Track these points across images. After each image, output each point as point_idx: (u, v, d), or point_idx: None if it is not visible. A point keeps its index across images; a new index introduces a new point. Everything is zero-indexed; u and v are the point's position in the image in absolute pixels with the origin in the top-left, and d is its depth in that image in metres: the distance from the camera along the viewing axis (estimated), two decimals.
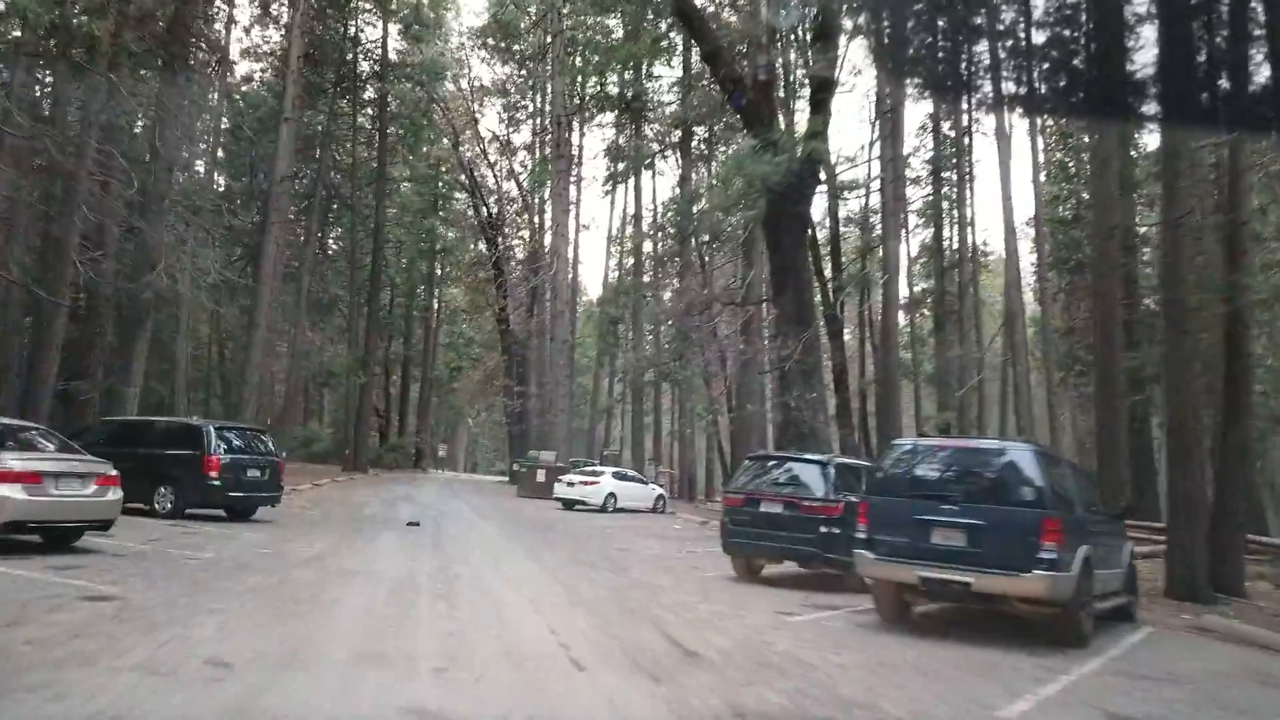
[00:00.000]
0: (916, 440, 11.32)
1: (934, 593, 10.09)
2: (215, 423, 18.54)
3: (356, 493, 30.71)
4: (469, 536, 18.24)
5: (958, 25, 17.42)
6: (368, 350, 46.00)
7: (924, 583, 9.90)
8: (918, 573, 9.88)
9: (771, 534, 13.30)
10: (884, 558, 10.18)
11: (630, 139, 41.25)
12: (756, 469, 14.25)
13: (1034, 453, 10.05)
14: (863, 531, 10.48)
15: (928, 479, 10.34)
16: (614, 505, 29.56)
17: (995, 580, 9.55)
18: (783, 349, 21.91)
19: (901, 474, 10.60)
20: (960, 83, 23.70)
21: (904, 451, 10.96)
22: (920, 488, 10.30)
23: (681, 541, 20.84)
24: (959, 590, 9.73)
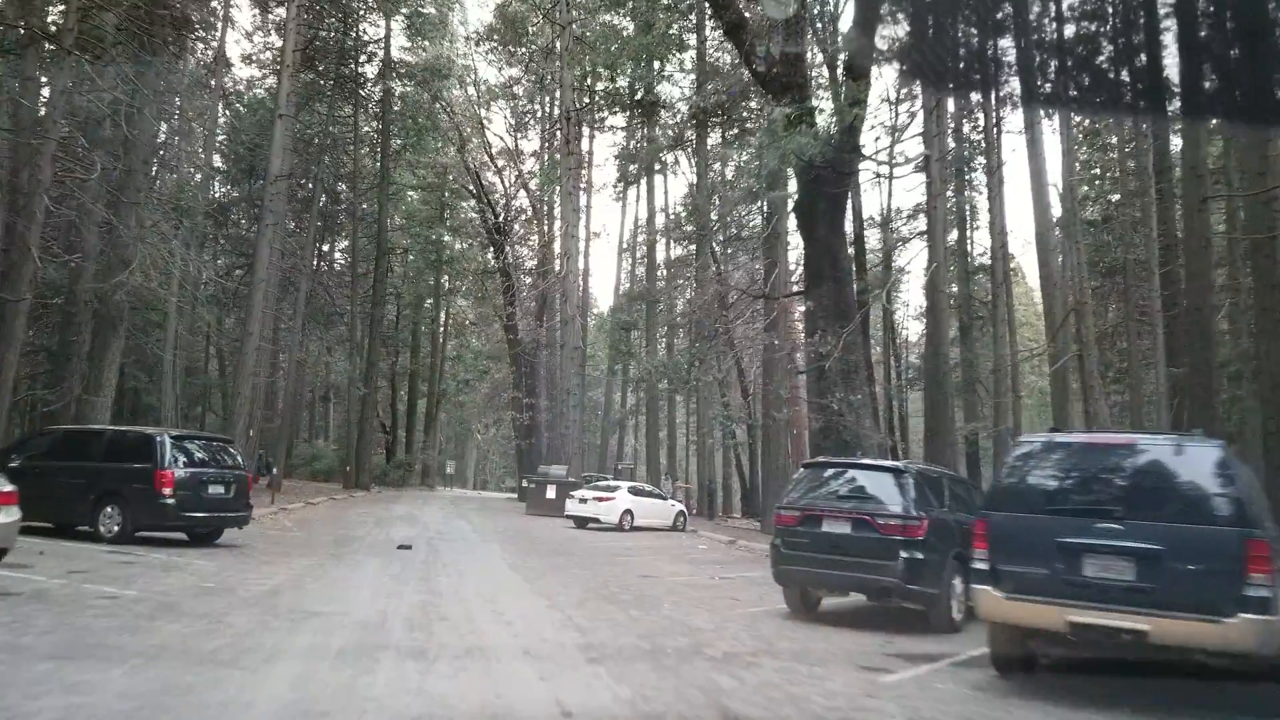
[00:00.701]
0: (1051, 435, 8.47)
1: (1089, 642, 7.27)
2: (173, 432, 15.78)
3: (352, 511, 27.93)
4: (467, 562, 15.41)
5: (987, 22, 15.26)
6: (370, 362, 43.26)
7: (1075, 630, 7.10)
8: (1068, 617, 7.08)
9: (837, 560, 10.50)
10: (1017, 596, 7.39)
11: (642, 139, 38.65)
12: (813, 480, 11.39)
13: (1224, 452, 7.22)
14: (983, 559, 7.68)
15: (1074, 489, 7.54)
16: (630, 523, 26.73)
17: (1182, 627, 6.76)
18: (821, 345, 19.09)
19: (1035, 482, 7.79)
20: (988, 79, 21.07)
21: (1035, 451, 8.08)
22: (1064, 500, 7.51)
23: (710, 565, 17.98)
24: (1127, 640, 6.92)
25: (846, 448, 18.86)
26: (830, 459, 12.77)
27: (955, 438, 20.52)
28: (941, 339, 20.58)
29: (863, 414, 19.30)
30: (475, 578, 13.26)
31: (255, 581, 11.24)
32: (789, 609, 11.46)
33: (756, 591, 13.55)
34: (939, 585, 10.41)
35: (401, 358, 60.56)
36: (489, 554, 17.31)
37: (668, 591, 12.92)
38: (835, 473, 11.36)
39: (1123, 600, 6.89)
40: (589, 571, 15.07)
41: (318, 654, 7.23)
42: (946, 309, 22.28)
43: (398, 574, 12.96)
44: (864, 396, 19.14)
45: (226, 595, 10.04)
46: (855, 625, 10.66)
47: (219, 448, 15.94)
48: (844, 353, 19.06)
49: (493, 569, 14.77)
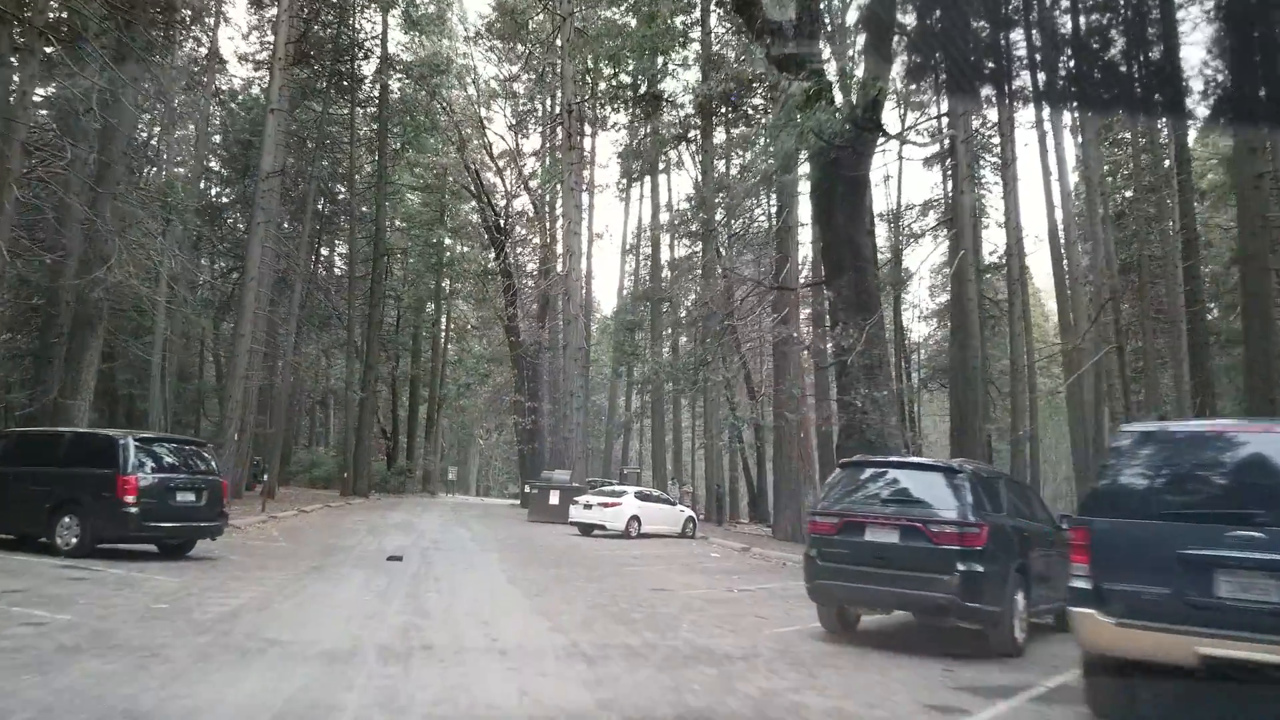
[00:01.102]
0: (1164, 424, 6.99)
1: (1226, 677, 5.79)
2: (138, 434, 14.30)
3: (347, 519, 26.46)
4: (462, 575, 13.93)
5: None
6: (368, 365, 41.78)
7: (1208, 664, 5.62)
8: (1199, 649, 5.59)
9: (883, 574, 9.02)
10: (1131, 622, 5.90)
11: (646, 136, 37.21)
12: (852, 481, 9.89)
13: None
14: (1084, 576, 6.24)
15: (1198, 488, 6.06)
16: (638, 530, 25.23)
17: None
18: (843, 339, 17.64)
19: (1147, 481, 6.31)
20: (1002, 75, 19.64)
21: (1142, 443, 6.58)
22: (1186, 503, 6.03)
23: (726, 575, 16.48)
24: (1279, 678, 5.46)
25: (870, 447, 17.39)
26: (871, 457, 11.27)
27: (984, 439, 18.97)
28: (969, 333, 19.07)
29: (887, 412, 17.83)
30: (469, 593, 11.78)
31: (217, 601, 9.78)
32: (824, 628, 10.00)
33: (782, 607, 12.09)
34: (1001, 602, 8.95)
35: (402, 362, 59.13)
36: (487, 565, 15.83)
37: (683, 608, 11.44)
38: (877, 473, 9.86)
39: (1271, 628, 5.42)
40: (595, 584, 13.59)
41: (264, 700, 5.76)
42: (975, 300, 20.79)
43: (383, 590, 11.49)
44: (889, 393, 17.67)
45: (176, 620, 8.57)
46: (903, 648, 9.18)
47: (191, 452, 14.47)
48: (867, 346, 17.63)
49: (489, 582, 13.29)
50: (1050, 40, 20.71)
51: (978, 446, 18.88)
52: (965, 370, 18.67)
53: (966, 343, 18.81)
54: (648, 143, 36.51)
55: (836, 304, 18.50)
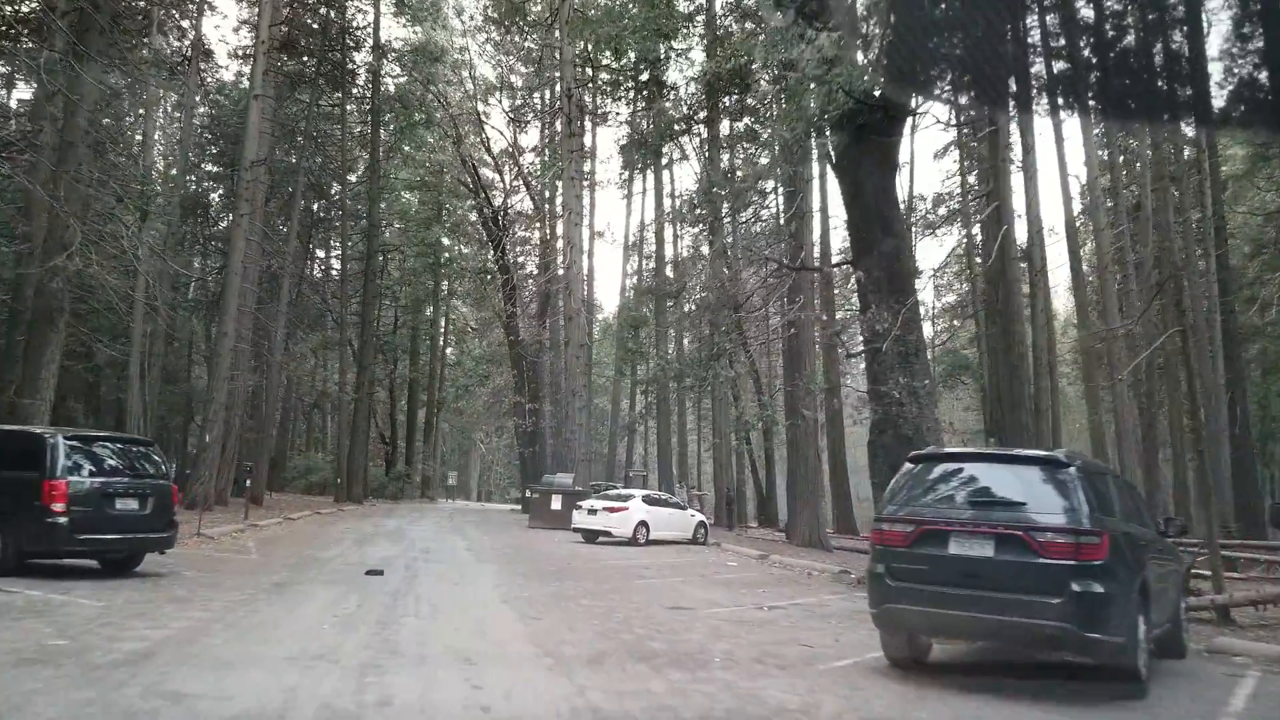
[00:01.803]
0: None
1: None
2: (70, 432, 12.24)
3: (335, 527, 24.43)
4: (448, 593, 11.89)
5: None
6: (362, 366, 39.73)
7: None
8: None
9: (973, 596, 7.01)
10: None
11: (648, 125, 35.19)
12: (925, 480, 7.80)
13: None
14: None
15: None
16: (646, 537, 23.19)
17: None
18: (876, 322, 15.63)
19: None
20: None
21: None
22: None
23: (750, 589, 14.41)
24: None
25: (908, 442, 15.37)
26: (949, 449, 9.22)
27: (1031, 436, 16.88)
28: (1014, 315, 17.00)
29: (926, 403, 15.84)
30: (454, 618, 9.74)
31: (136, 634, 7.74)
32: (890, 661, 7.98)
33: (826, 631, 10.07)
34: (1125, 631, 6.94)
35: (401, 365, 57.13)
36: (479, 580, 13.77)
37: (711, 634, 9.39)
38: (958, 468, 7.79)
39: None
40: (603, 602, 11.54)
41: None
42: (1019, 282, 18.76)
43: (350, 614, 9.46)
44: (930, 382, 15.67)
45: (65, 663, 6.54)
46: (993, 689, 7.16)
47: (138, 453, 12.39)
48: (902, 331, 15.63)
49: (480, 602, 11.22)
50: (1072, 39, 18.80)
51: (1024, 446, 16.84)
52: (1009, 358, 16.65)
53: (1010, 328, 16.80)
54: (651, 128, 34.45)
55: (866, 285, 16.50)
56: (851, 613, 11.74)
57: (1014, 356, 16.70)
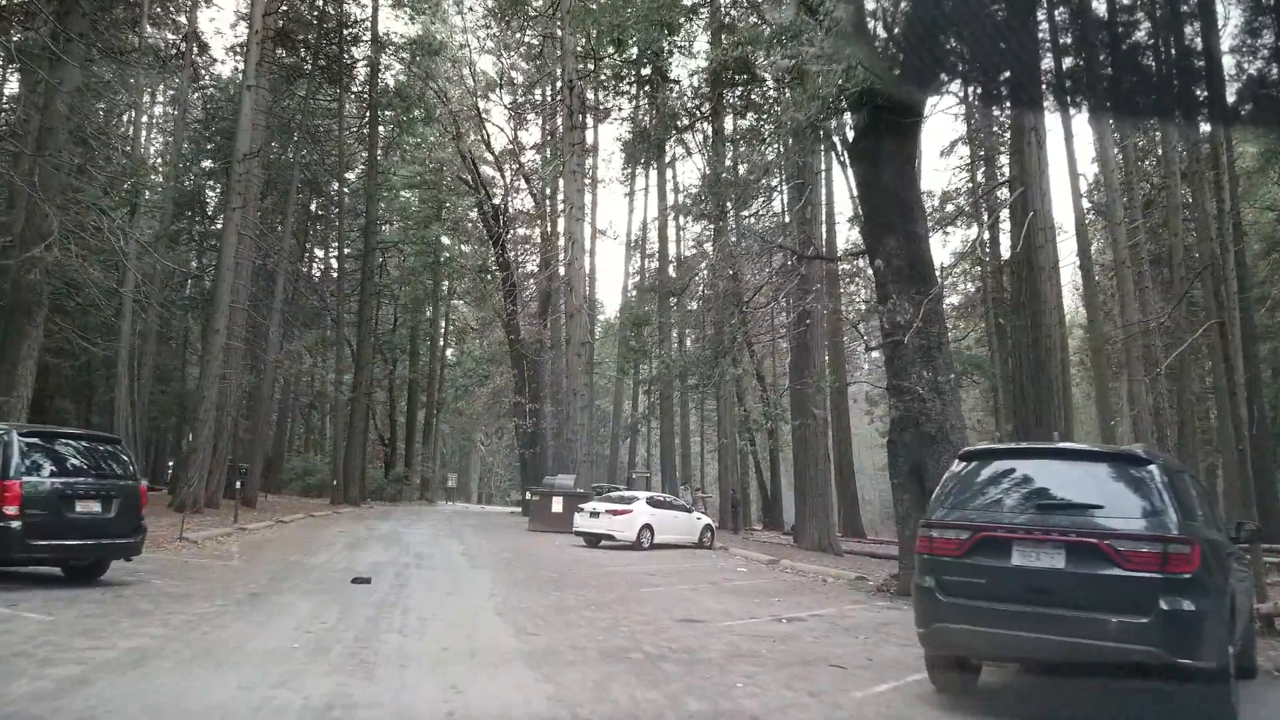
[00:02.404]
0: None
1: None
2: (26, 428, 11.24)
3: (327, 531, 23.41)
4: (439, 604, 10.86)
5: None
6: (360, 366, 38.68)
7: None
8: None
9: (1043, 615, 5.97)
10: None
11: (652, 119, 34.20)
12: (980, 479, 6.77)
13: None
14: None
15: None
16: (650, 540, 22.16)
17: None
18: (897, 313, 14.60)
19: None
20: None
21: None
22: None
23: (765, 598, 13.37)
24: None
25: (930, 441, 14.42)
26: (1005, 444, 8.18)
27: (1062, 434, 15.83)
28: (1042, 307, 15.92)
29: (950, 400, 14.79)
30: (442, 633, 8.71)
31: (77, 655, 6.74)
32: (936, 685, 6.98)
33: (855, 647, 9.04)
34: (1220, 655, 5.92)
35: (400, 366, 56.13)
36: (474, 588, 12.74)
37: (729, 652, 8.35)
38: (1015, 467, 6.74)
39: None
40: (607, 614, 10.52)
41: None
42: (1048, 269, 17.71)
43: (327, 630, 8.44)
44: (955, 377, 14.65)
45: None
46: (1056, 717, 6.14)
47: (103, 452, 11.35)
48: (925, 322, 14.61)
49: (473, 614, 10.19)
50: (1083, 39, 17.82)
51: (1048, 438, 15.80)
52: (1037, 353, 15.57)
53: (1038, 320, 15.73)
54: (654, 122, 33.45)
55: (885, 275, 15.46)
56: (878, 625, 10.73)
57: (1042, 351, 15.65)
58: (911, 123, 15.78)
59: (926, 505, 14.58)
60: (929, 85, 15.23)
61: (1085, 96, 18.08)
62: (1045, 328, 16.12)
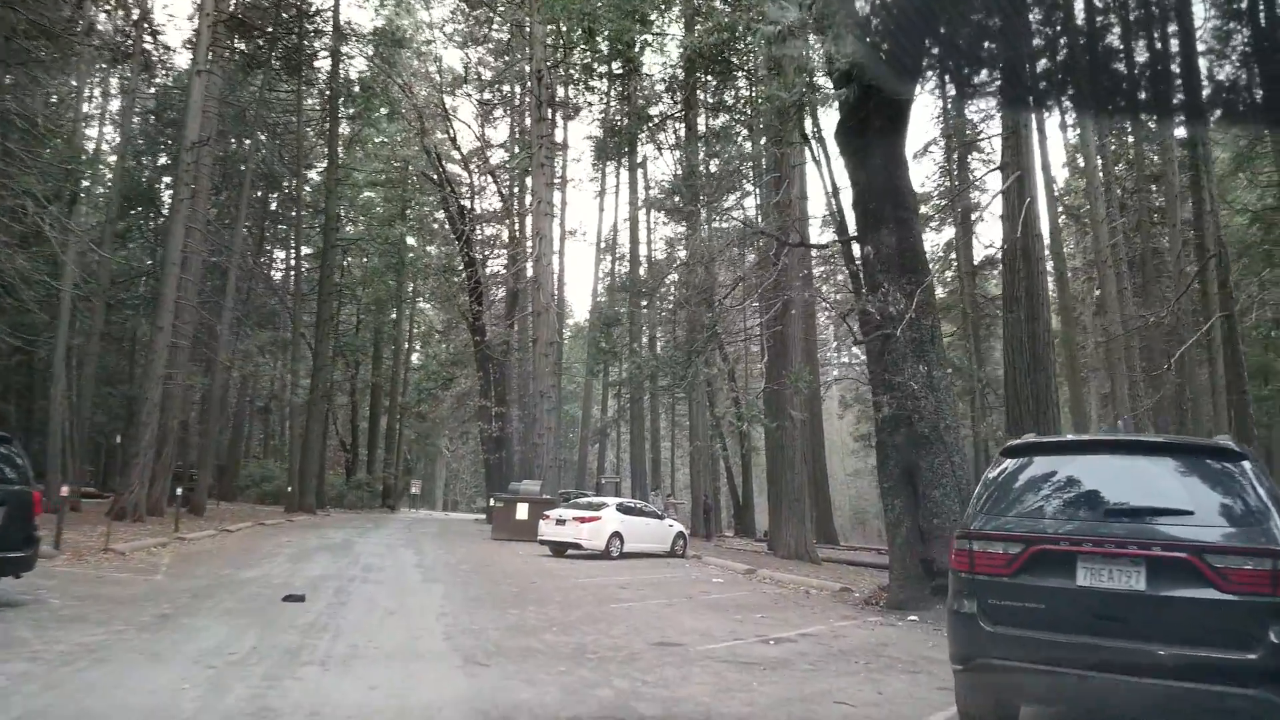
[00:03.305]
0: None
1: None
2: None
3: (274, 540, 21.82)
4: (377, 628, 9.44)
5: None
6: (317, 367, 37.01)
7: None
8: None
9: (1117, 648, 4.68)
10: None
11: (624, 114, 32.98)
12: (1028, 479, 5.45)
13: None
14: None
15: None
16: (619, 549, 20.81)
17: None
18: (890, 304, 13.38)
19: None
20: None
21: None
22: None
23: (746, 614, 12.05)
24: None
25: (924, 442, 13.21)
26: (1058, 437, 6.89)
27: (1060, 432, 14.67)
28: (1039, 301, 14.76)
29: (945, 397, 13.59)
30: (374, 666, 7.31)
31: None
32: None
33: (858, 677, 7.75)
34: None
35: (364, 370, 54.35)
36: (423, 606, 11.31)
37: (715, 686, 7.03)
38: (1073, 464, 5.46)
39: None
40: (572, 638, 9.15)
41: None
42: (1043, 260, 16.55)
43: (233, 663, 7.01)
44: (951, 372, 13.47)
45: None
46: None
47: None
48: (917, 315, 13.41)
49: (416, 638, 8.79)
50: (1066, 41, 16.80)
51: None
52: (1034, 348, 14.42)
53: (1036, 313, 14.58)
54: (626, 117, 32.20)
55: (874, 264, 14.25)
56: (877, 647, 9.46)
57: (1039, 346, 14.46)
58: (902, 102, 14.60)
59: (919, 511, 13.48)
60: (917, 71, 14.06)
61: (1079, 93, 17.04)
62: (1043, 321, 14.97)
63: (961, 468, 13.25)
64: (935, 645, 9.77)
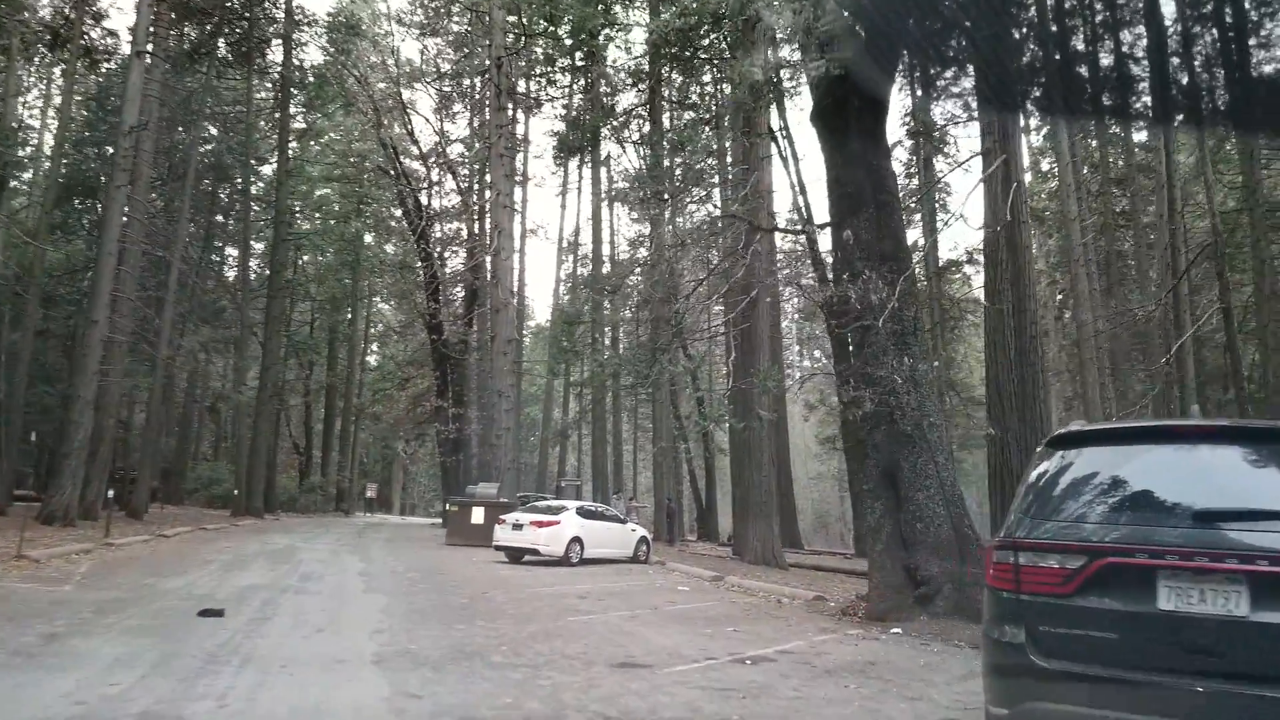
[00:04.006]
0: None
1: None
2: None
3: (212, 546, 20.40)
4: (297, 649, 8.22)
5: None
6: (266, 365, 35.42)
7: None
8: None
9: (1209, 689, 3.60)
10: None
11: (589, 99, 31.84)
12: (1076, 476, 4.38)
13: None
14: None
15: None
16: (580, 555, 19.65)
17: None
18: (872, 291, 12.35)
19: None
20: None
21: None
22: None
23: (717, 626, 10.95)
24: None
25: (906, 440, 12.21)
26: (1117, 424, 5.81)
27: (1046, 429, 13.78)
28: (1025, 292, 13.80)
29: (928, 391, 12.62)
30: (283, 698, 6.11)
31: None
32: None
33: (849, 703, 6.68)
34: None
35: (319, 370, 52.67)
36: (358, 621, 10.08)
37: (691, 718, 5.92)
38: (1144, 456, 4.36)
39: None
40: (524, 658, 7.98)
41: None
42: (1029, 246, 15.65)
43: (110, 698, 5.78)
44: (937, 365, 12.51)
45: None
46: None
47: None
48: (900, 305, 12.42)
49: (340, 666, 7.56)
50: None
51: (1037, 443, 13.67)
52: (1020, 342, 13.44)
53: (1024, 305, 13.61)
54: (588, 112, 31.05)
55: (852, 250, 13.23)
56: (864, 666, 8.40)
57: (1025, 339, 13.56)
58: (879, 93, 13.59)
59: (901, 515, 12.45)
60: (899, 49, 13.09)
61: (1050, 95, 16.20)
62: (1029, 313, 14.05)
63: (946, 468, 12.26)
64: (928, 664, 8.74)
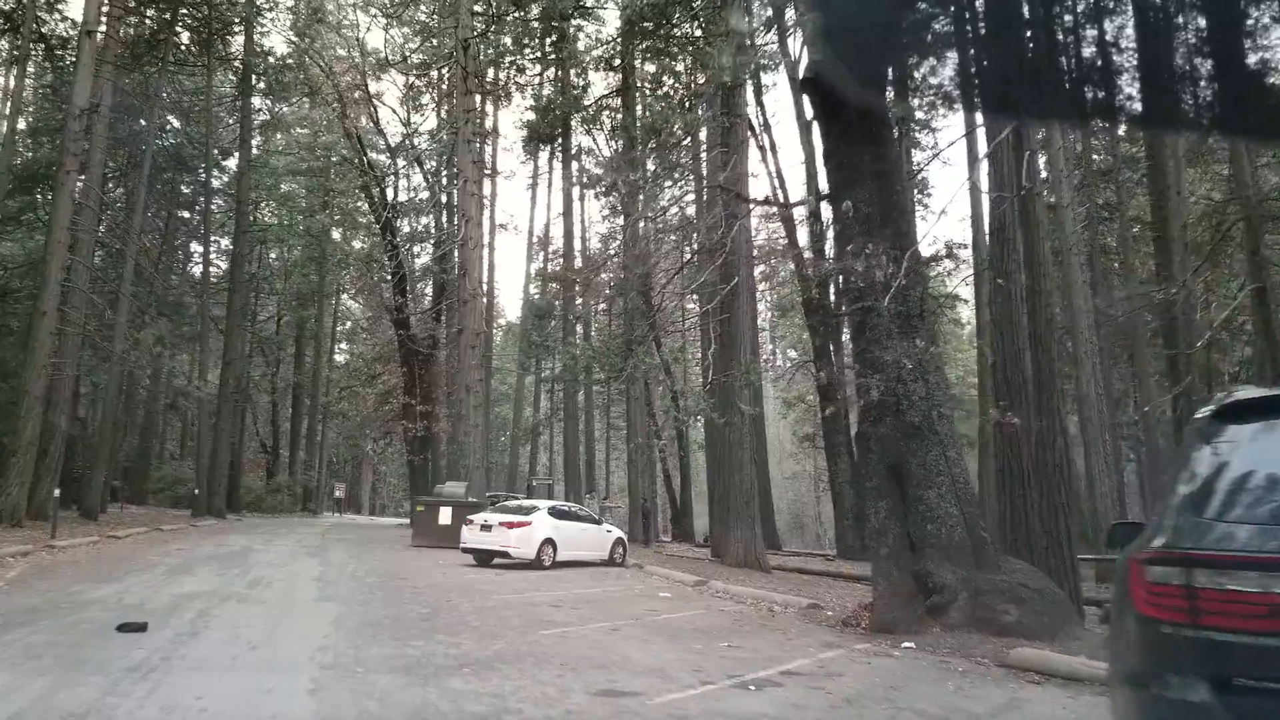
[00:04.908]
0: None
1: None
2: None
3: (162, 549, 18.86)
4: (225, 669, 6.85)
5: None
6: (227, 361, 33.72)
7: None
8: None
9: None
10: None
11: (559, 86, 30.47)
12: (1266, 458, 3.10)
13: None
14: None
15: None
16: (552, 558, 18.30)
17: None
18: (876, 269, 11.10)
19: None
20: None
21: None
22: None
23: (708, 640, 9.63)
24: None
25: (915, 432, 10.98)
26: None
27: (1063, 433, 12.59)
28: (1039, 271, 12.63)
29: (936, 379, 11.38)
30: None
31: None
32: None
33: None
34: None
35: (285, 368, 50.90)
36: (302, 635, 8.68)
37: None
38: None
39: None
40: (488, 685, 6.63)
41: None
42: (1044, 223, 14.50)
43: None
44: (940, 356, 11.29)
45: None
46: None
47: None
48: (908, 283, 11.19)
49: (268, 696, 6.17)
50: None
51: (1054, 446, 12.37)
52: (1035, 324, 12.18)
53: (1038, 285, 12.44)
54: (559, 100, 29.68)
55: (851, 224, 11.97)
56: (888, 693, 7.12)
57: (1040, 323, 12.39)
58: (881, 40, 12.39)
59: (910, 516, 11.21)
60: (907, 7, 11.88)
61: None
62: (1044, 294, 12.91)
63: (958, 464, 11.05)
64: (959, 689, 7.45)
